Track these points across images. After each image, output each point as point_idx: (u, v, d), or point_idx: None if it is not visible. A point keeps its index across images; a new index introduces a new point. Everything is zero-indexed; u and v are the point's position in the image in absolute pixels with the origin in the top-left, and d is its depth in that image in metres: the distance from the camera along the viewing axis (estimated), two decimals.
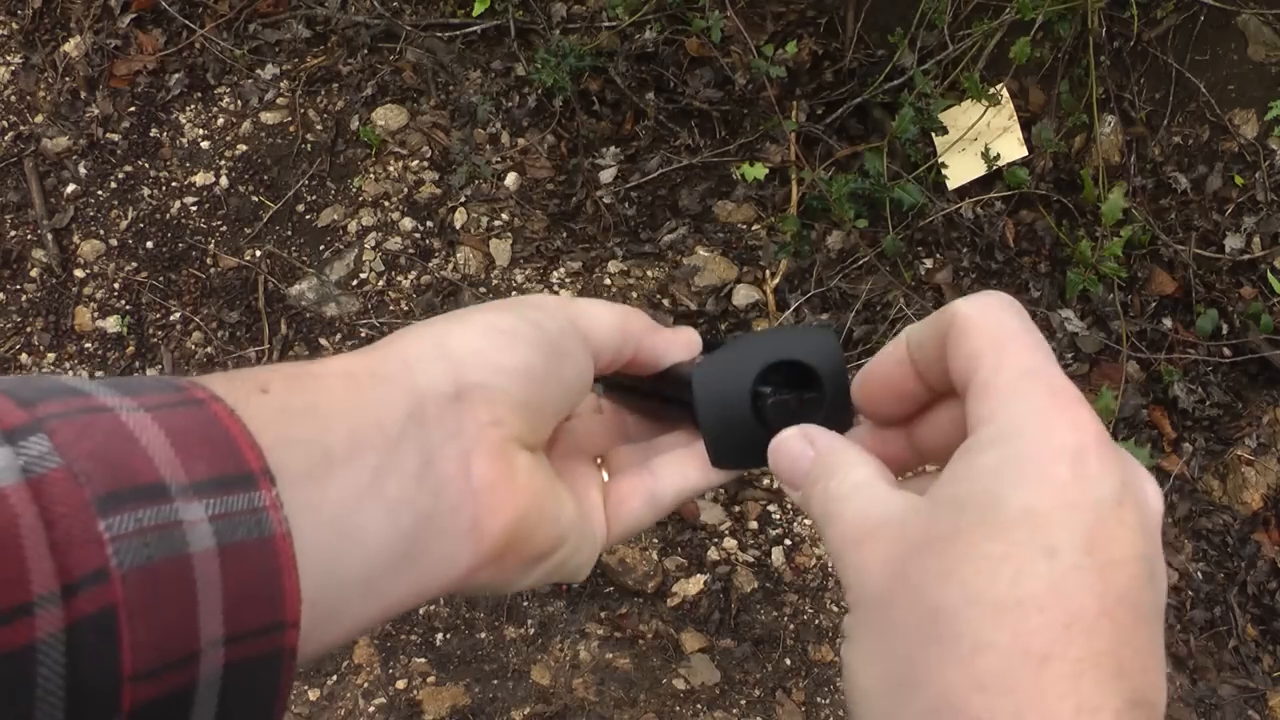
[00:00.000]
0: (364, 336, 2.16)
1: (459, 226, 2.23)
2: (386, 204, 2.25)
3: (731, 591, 1.94)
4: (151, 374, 2.16)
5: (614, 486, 0.50)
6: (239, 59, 2.36)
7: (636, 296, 2.17)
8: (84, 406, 0.32)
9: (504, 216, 2.24)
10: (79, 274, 2.26)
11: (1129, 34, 2.13)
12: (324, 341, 2.16)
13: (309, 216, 2.27)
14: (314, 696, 1.85)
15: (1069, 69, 2.14)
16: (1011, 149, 2.13)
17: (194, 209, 2.29)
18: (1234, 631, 1.93)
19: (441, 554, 0.40)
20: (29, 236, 2.30)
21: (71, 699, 0.29)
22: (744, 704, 1.84)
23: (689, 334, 0.51)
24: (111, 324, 2.21)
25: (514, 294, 2.18)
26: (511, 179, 2.25)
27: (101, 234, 2.29)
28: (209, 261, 2.24)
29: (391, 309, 2.18)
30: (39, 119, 2.38)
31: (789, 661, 1.89)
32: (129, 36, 2.41)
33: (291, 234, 2.26)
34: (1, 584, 0.28)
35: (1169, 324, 2.09)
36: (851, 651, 0.38)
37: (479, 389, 0.42)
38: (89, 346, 2.21)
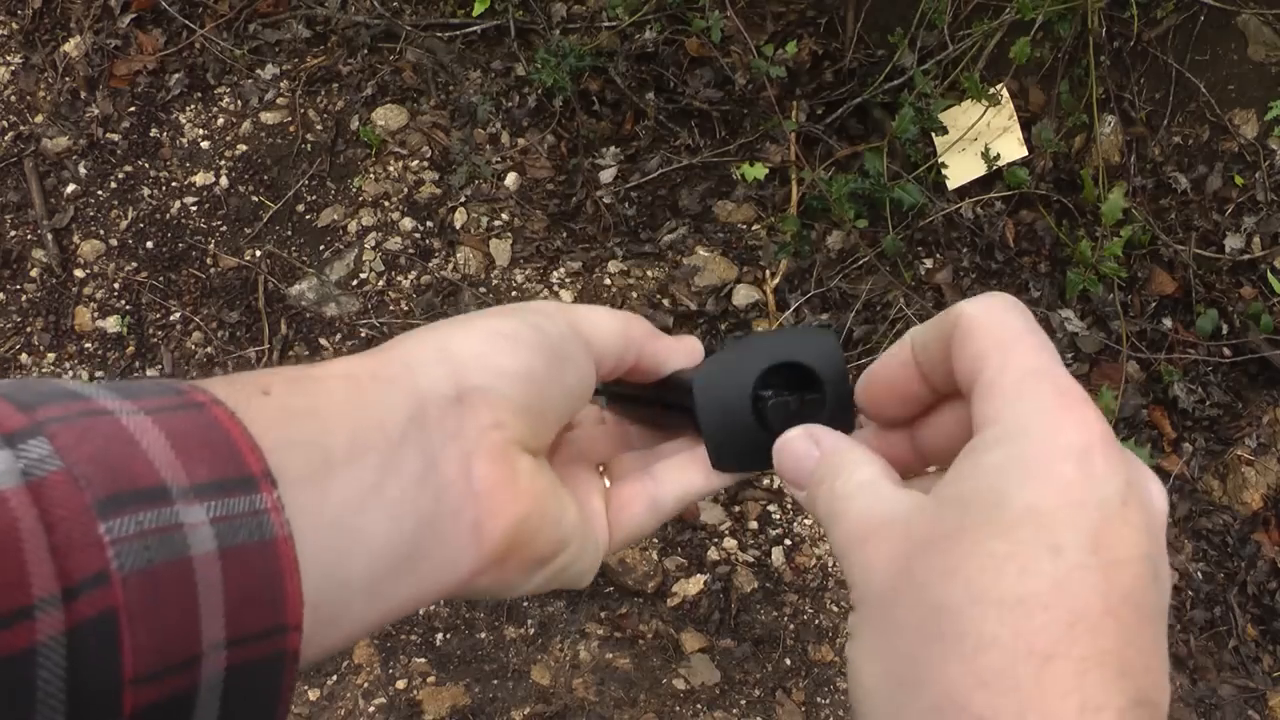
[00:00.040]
0: (364, 336, 2.16)
1: (459, 226, 2.23)
2: (386, 204, 2.25)
3: (731, 591, 1.94)
4: (151, 374, 2.16)
5: (615, 492, 0.50)
6: (239, 59, 2.36)
7: (636, 296, 2.17)
8: (84, 410, 0.32)
9: (504, 216, 2.24)
10: (79, 274, 2.26)
11: (1129, 34, 2.13)
12: (324, 341, 2.16)
13: (309, 216, 2.27)
14: (314, 696, 1.85)
15: (1069, 69, 2.14)
16: (1011, 149, 2.13)
17: (194, 209, 2.29)
18: (1234, 631, 1.93)
19: (443, 556, 0.40)
20: (29, 236, 2.29)
21: (72, 702, 0.29)
22: (744, 704, 1.84)
23: (691, 342, 0.51)
24: (111, 324, 2.21)
25: (514, 294, 2.18)
26: (511, 179, 2.25)
27: (101, 234, 2.28)
28: (209, 261, 2.24)
29: (391, 309, 2.17)
30: (39, 119, 2.38)
31: (789, 661, 1.89)
32: (129, 36, 2.41)
33: (291, 234, 2.25)
34: (1, 587, 0.28)
35: (1169, 324, 2.09)
36: (855, 649, 0.38)
37: (480, 392, 0.42)
38: (89, 346, 2.21)
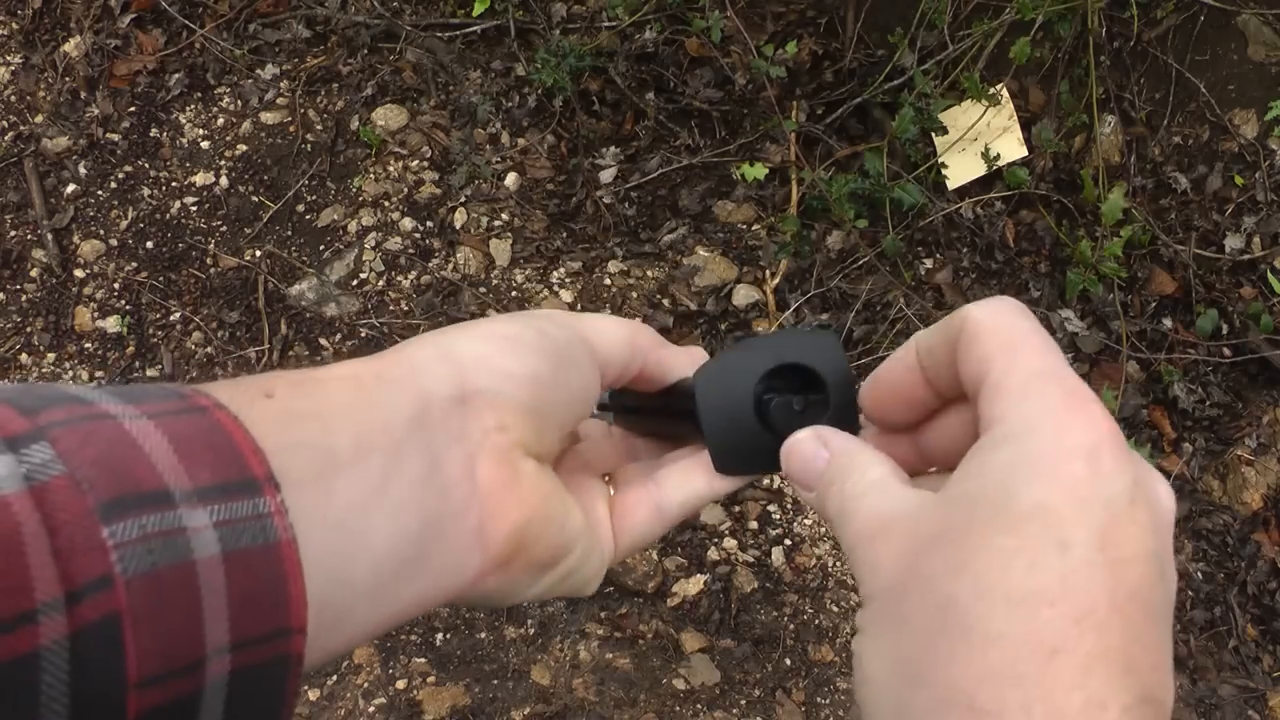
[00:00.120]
0: (364, 336, 2.16)
1: (459, 226, 2.23)
2: (386, 204, 2.25)
3: (731, 591, 1.94)
4: (151, 374, 2.16)
5: (620, 499, 0.50)
6: (239, 59, 2.36)
7: (636, 297, 2.17)
8: (87, 414, 0.32)
9: (504, 216, 2.23)
10: (79, 274, 2.26)
11: (1129, 34, 2.13)
12: (324, 342, 2.16)
13: (309, 216, 2.27)
14: (314, 696, 1.85)
15: (1069, 69, 2.14)
16: (1011, 149, 2.13)
17: (194, 209, 2.29)
18: (1234, 631, 1.93)
19: (448, 558, 0.40)
20: (29, 236, 2.29)
21: (76, 706, 0.29)
22: (744, 704, 1.84)
23: (697, 351, 0.52)
24: (111, 324, 2.21)
25: (514, 294, 2.18)
26: (511, 179, 2.25)
27: (101, 234, 2.28)
28: (209, 261, 2.24)
29: (391, 309, 2.17)
30: (39, 119, 2.38)
31: (789, 661, 1.89)
32: (129, 36, 2.41)
33: (291, 234, 2.25)
34: (5, 592, 0.28)
35: (1169, 324, 2.09)
36: (863, 644, 0.38)
37: (484, 394, 0.42)
38: (89, 346, 2.21)
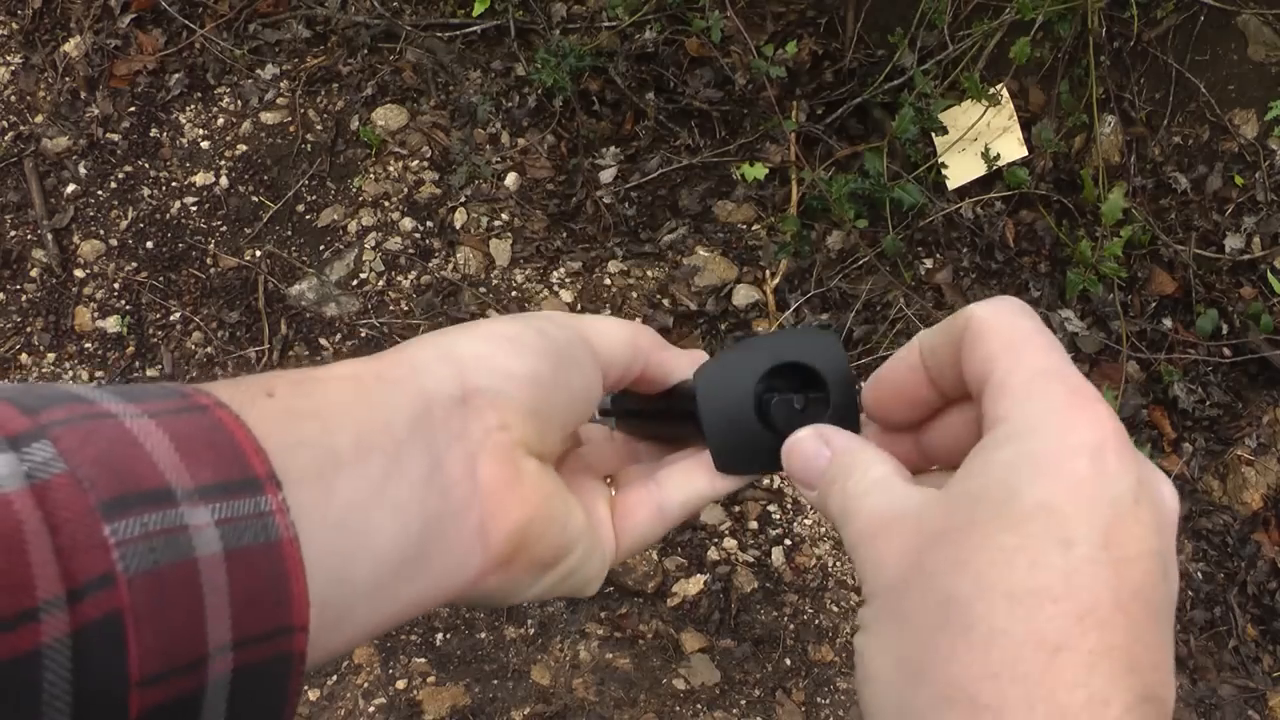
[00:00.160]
0: (364, 336, 2.16)
1: (459, 226, 2.23)
2: (386, 204, 2.25)
3: (731, 591, 1.94)
4: (151, 374, 2.16)
5: (621, 499, 0.50)
6: (239, 59, 2.36)
7: (636, 297, 2.17)
8: (88, 413, 0.32)
9: (504, 216, 2.23)
10: (79, 274, 2.26)
11: (1129, 34, 2.13)
12: (324, 341, 2.16)
13: (309, 216, 2.27)
14: (314, 696, 1.85)
15: (1069, 69, 2.14)
16: (1011, 149, 2.13)
17: (194, 209, 2.29)
18: (1234, 631, 1.93)
19: (450, 557, 0.40)
20: (29, 236, 2.29)
21: (78, 704, 0.29)
22: (744, 704, 1.84)
23: (699, 354, 0.51)
24: (111, 324, 2.21)
25: (514, 294, 2.18)
26: (511, 179, 2.25)
27: (101, 234, 2.28)
28: (209, 261, 2.24)
29: (391, 309, 2.17)
30: (39, 119, 2.38)
31: (789, 661, 1.89)
32: (129, 36, 2.41)
33: (291, 234, 2.25)
34: (6, 589, 0.28)
35: (1169, 324, 2.09)
36: (865, 641, 0.38)
37: (485, 393, 0.42)
38: (89, 346, 2.21)
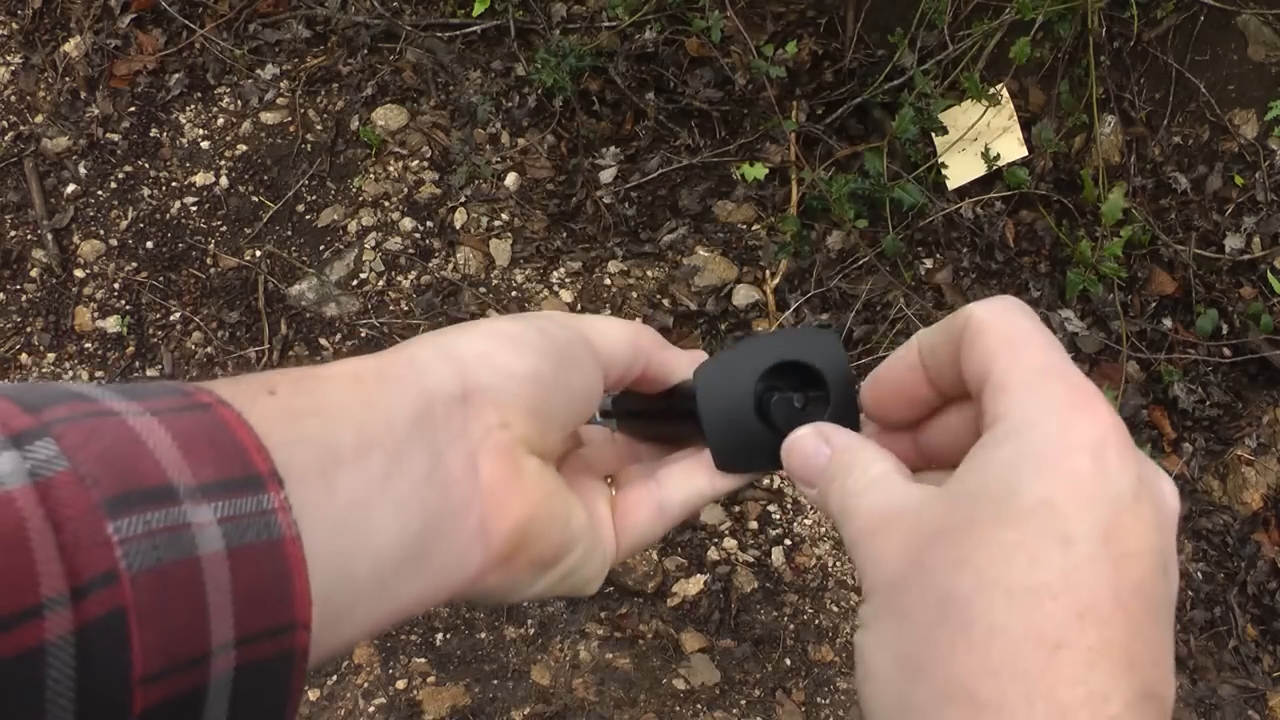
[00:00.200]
0: (364, 336, 2.16)
1: (459, 226, 2.23)
2: (386, 204, 2.25)
3: (731, 591, 1.94)
4: (151, 374, 2.16)
5: (621, 498, 0.50)
6: (239, 59, 2.36)
7: (636, 297, 2.17)
8: (90, 411, 0.32)
9: (504, 216, 2.23)
10: (79, 274, 2.26)
11: (1129, 34, 2.13)
12: (324, 341, 2.16)
13: (309, 216, 2.27)
14: (314, 696, 1.85)
15: (1069, 69, 2.14)
16: (1011, 149, 2.13)
17: (194, 209, 2.29)
18: (1234, 631, 1.93)
19: (451, 554, 0.40)
20: (29, 236, 2.29)
21: (81, 701, 0.29)
22: (744, 704, 1.84)
23: (698, 354, 0.52)
24: (111, 324, 2.21)
25: (514, 294, 2.18)
26: (511, 179, 2.25)
27: (101, 234, 2.28)
28: (209, 261, 2.24)
29: (391, 309, 2.17)
30: (39, 119, 2.38)
31: (789, 661, 1.89)
32: (129, 36, 2.41)
33: (291, 234, 2.25)
34: (10, 587, 0.28)
35: (1169, 324, 2.09)
36: (865, 638, 0.38)
37: (486, 391, 0.42)
38: (89, 346, 2.21)
